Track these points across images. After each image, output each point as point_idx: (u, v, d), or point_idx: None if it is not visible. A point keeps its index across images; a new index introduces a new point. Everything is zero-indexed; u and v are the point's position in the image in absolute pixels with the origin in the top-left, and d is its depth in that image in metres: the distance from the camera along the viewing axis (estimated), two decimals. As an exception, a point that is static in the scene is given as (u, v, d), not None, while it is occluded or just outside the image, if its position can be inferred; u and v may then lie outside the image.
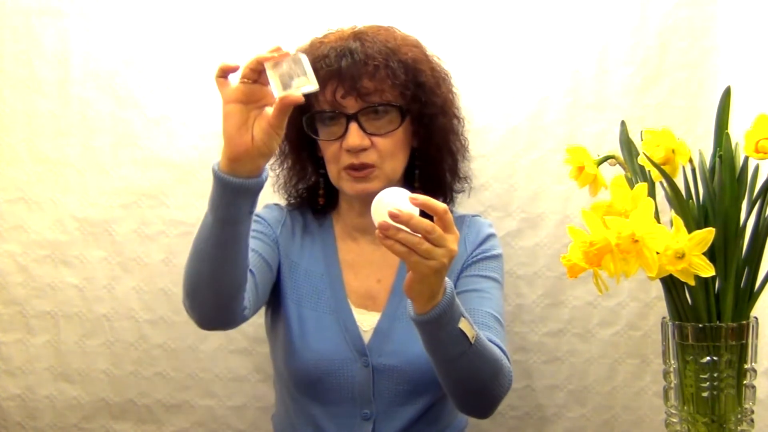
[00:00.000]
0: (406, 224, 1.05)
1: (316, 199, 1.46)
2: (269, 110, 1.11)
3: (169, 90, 1.69)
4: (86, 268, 1.69)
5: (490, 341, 1.25)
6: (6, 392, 1.70)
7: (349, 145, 1.33)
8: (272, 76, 1.07)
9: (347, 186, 1.37)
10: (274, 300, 1.43)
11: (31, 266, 1.69)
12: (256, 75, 1.09)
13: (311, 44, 1.39)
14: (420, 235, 1.06)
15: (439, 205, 1.07)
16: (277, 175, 1.50)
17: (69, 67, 1.69)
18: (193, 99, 1.68)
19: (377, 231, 1.06)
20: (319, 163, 1.44)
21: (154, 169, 1.69)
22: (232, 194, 1.12)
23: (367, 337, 1.37)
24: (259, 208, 1.49)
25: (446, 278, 1.13)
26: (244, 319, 1.27)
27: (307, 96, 1.09)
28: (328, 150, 1.37)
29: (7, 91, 1.70)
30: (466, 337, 1.16)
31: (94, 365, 1.70)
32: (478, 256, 1.41)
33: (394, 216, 1.05)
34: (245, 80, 1.09)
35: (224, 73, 1.11)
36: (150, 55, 1.69)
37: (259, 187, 1.15)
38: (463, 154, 1.50)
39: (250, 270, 1.28)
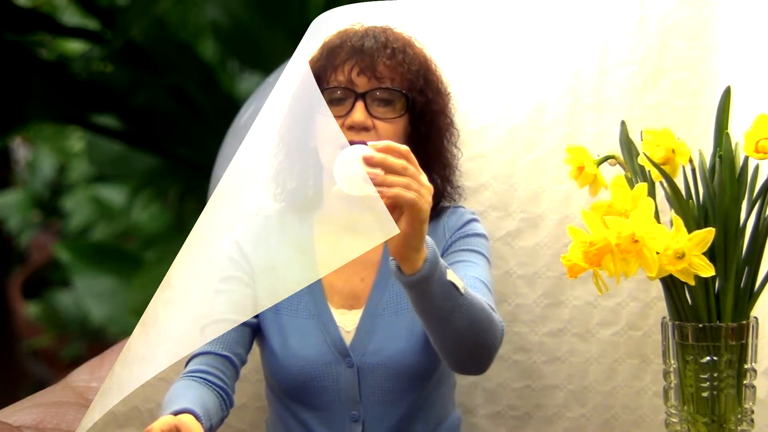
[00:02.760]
0: (381, 164, 1.05)
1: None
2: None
3: (169, 90, 1.69)
4: (86, 268, 1.69)
5: None
6: (6, 392, 1.70)
7: (353, 120, 1.32)
8: None
9: None
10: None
11: (31, 266, 1.69)
12: None
13: (338, 32, 1.40)
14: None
15: (400, 146, 1.08)
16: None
17: (69, 67, 1.70)
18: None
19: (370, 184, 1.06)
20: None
21: (154, 169, 1.69)
22: None
23: (349, 338, 1.37)
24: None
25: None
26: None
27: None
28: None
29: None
30: (457, 288, 1.16)
31: (94, 365, 1.69)
32: (458, 236, 1.41)
33: (368, 160, 1.03)
34: None
35: None
36: (150, 55, 1.69)
37: None
38: (454, 165, 1.48)
39: (232, 361, 1.34)
